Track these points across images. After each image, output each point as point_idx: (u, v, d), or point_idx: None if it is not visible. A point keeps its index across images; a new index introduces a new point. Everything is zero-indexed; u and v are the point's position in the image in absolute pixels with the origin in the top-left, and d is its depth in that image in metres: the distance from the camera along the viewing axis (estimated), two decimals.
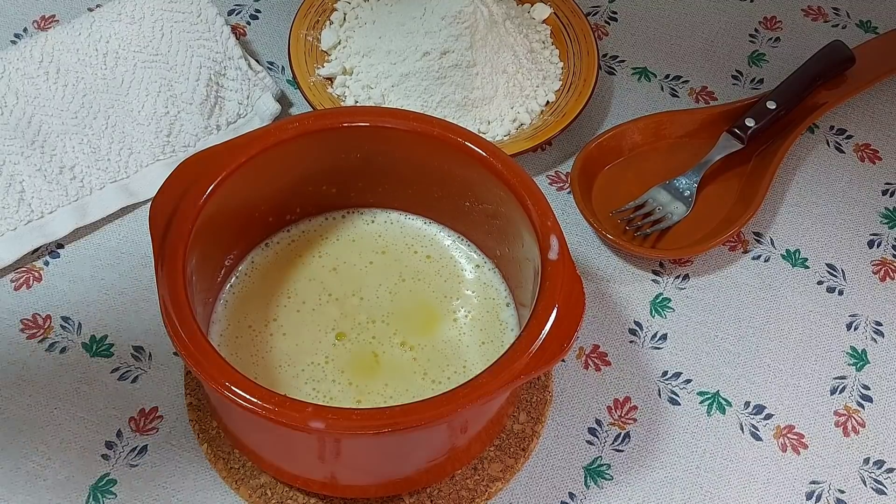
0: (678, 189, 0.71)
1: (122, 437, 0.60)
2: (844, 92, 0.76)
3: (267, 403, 0.48)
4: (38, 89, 0.69)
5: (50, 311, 0.65)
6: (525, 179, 0.56)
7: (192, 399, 0.60)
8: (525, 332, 0.51)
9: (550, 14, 0.78)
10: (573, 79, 0.75)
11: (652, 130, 0.74)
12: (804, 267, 0.70)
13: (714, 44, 0.82)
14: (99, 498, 0.58)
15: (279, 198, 0.62)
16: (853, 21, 0.84)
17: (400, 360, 0.59)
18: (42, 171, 0.67)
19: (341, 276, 0.62)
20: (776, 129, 0.74)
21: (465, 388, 0.49)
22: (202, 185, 0.55)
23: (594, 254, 0.70)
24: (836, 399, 0.64)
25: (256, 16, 0.81)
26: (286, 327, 0.60)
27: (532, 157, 0.74)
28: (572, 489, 0.60)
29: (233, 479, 0.58)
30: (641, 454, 0.62)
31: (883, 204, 0.73)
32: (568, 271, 0.53)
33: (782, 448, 0.62)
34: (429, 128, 0.58)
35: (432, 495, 0.58)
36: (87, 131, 0.68)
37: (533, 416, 0.61)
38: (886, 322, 0.68)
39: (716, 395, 0.64)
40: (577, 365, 0.65)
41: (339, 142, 0.59)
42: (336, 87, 0.74)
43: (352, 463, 0.54)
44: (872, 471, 0.62)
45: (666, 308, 0.67)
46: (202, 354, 0.49)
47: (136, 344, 0.64)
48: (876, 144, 0.76)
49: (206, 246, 0.56)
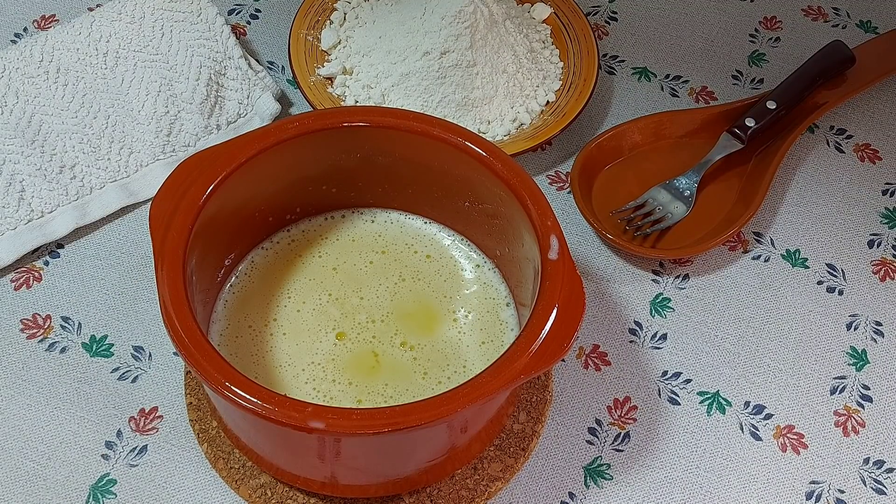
0: (678, 189, 0.71)
1: (122, 437, 0.60)
2: (844, 92, 0.76)
3: (267, 403, 0.48)
4: (38, 89, 0.69)
5: (50, 311, 0.65)
6: (525, 179, 0.56)
7: (192, 399, 0.60)
8: (525, 332, 0.51)
9: (550, 14, 0.78)
10: (573, 79, 0.75)
11: (652, 130, 0.74)
12: (804, 267, 0.70)
13: (714, 44, 0.82)
14: (99, 498, 0.58)
15: (279, 198, 0.62)
16: (853, 21, 0.84)
17: (400, 360, 0.59)
18: (42, 170, 0.67)
19: (341, 276, 0.62)
20: (776, 129, 0.74)
21: (465, 387, 0.49)
22: (202, 185, 0.55)
23: (594, 254, 0.70)
24: (835, 399, 0.64)
25: (256, 15, 0.81)
26: (286, 327, 0.60)
27: (532, 157, 0.74)
28: (572, 489, 0.60)
29: (233, 479, 0.58)
30: (641, 454, 0.62)
31: (883, 204, 0.73)
32: (568, 271, 0.53)
33: (782, 448, 0.62)
34: (429, 128, 0.58)
35: (432, 495, 0.58)
36: (87, 131, 0.68)
37: (533, 416, 0.61)
38: (886, 322, 0.68)
39: (716, 395, 0.64)
40: (577, 365, 0.65)
41: (339, 142, 0.59)
42: (336, 86, 0.74)
43: (352, 463, 0.54)
44: (872, 471, 0.62)
45: (666, 308, 0.67)
46: (202, 354, 0.49)
47: (136, 344, 0.64)
48: (876, 144, 0.76)
49: (207, 246, 0.56)
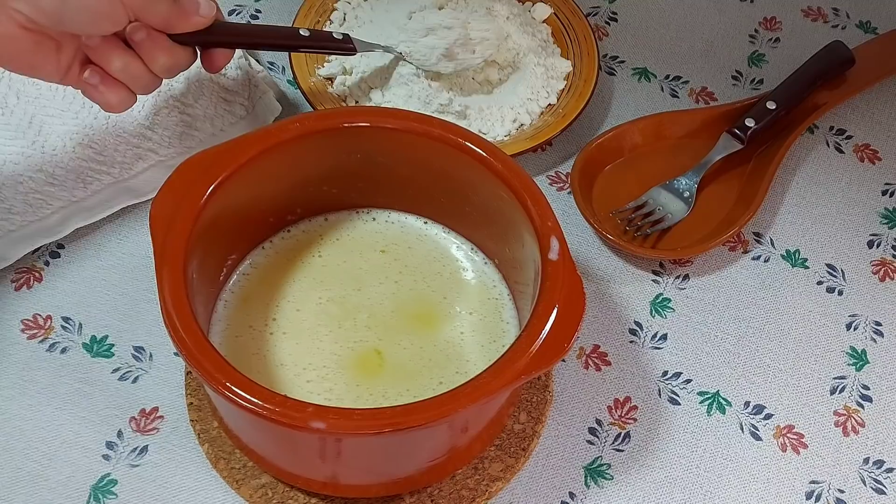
0: (678, 189, 0.71)
1: (123, 438, 0.60)
2: (844, 92, 0.76)
3: (267, 403, 0.48)
4: (39, 90, 0.69)
5: (51, 312, 0.65)
6: (525, 180, 0.56)
7: (192, 399, 0.60)
8: (525, 332, 0.51)
9: (551, 14, 0.79)
10: (573, 79, 0.75)
11: (652, 131, 0.74)
12: (804, 267, 0.70)
13: (714, 44, 0.82)
14: (100, 498, 0.58)
15: (280, 198, 0.62)
16: (853, 21, 0.84)
17: (400, 360, 0.59)
18: (43, 170, 0.67)
19: (342, 276, 0.62)
20: (776, 129, 0.74)
21: (466, 387, 0.49)
22: (203, 186, 0.55)
23: (594, 254, 0.70)
24: (835, 399, 0.64)
25: (257, 16, 0.81)
26: (286, 327, 0.60)
27: (532, 157, 0.74)
28: (572, 489, 0.60)
29: (233, 479, 0.58)
30: (641, 454, 0.62)
31: (883, 204, 0.73)
32: (568, 271, 0.53)
33: (782, 448, 0.62)
34: (429, 128, 0.58)
35: (433, 495, 0.58)
36: (87, 131, 0.68)
37: (533, 416, 0.61)
38: (886, 322, 0.68)
39: (716, 395, 0.64)
40: (577, 365, 0.65)
41: (339, 142, 0.60)
42: (336, 87, 0.74)
43: (352, 463, 0.54)
44: (872, 471, 0.62)
45: (666, 308, 0.67)
46: (203, 354, 0.49)
47: (136, 344, 0.64)
48: (876, 144, 0.76)
49: (207, 246, 0.56)
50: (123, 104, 0.59)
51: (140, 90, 0.59)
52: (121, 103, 0.59)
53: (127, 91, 0.59)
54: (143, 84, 0.59)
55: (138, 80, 0.59)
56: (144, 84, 0.59)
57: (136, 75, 0.58)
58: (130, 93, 0.59)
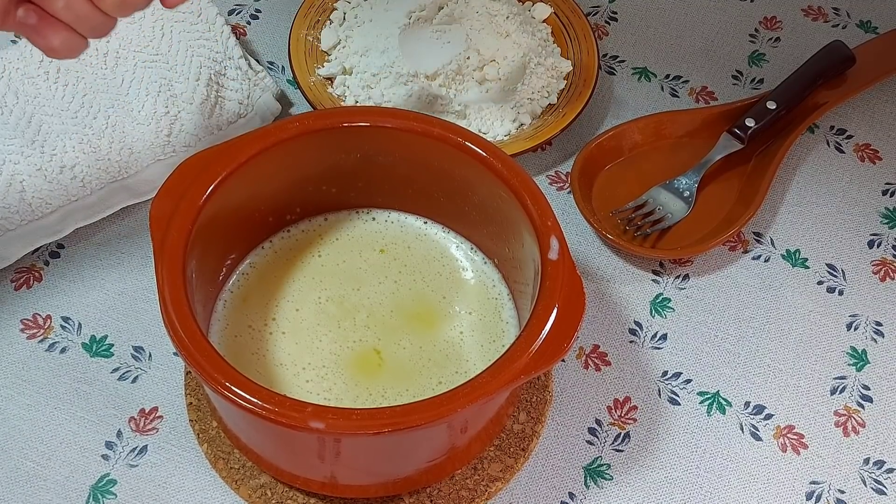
0: (678, 189, 0.71)
1: (122, 438, 0.60)
2: (844, 92, 0.76)
3: (267, 403, 0.48)
4: (38, 89, 0.69)
5: (50, 311, 0.65)
6: (525, 179, 0.56)
7: (192, 399, 0.60)
8: (525, 332, 0.51)
9: (551, 14, 0.78)
10: (573, 79, 0.75)
11: (652, 130, 0.74)
12: (804, 267, 0.70)
13: (714, 44, 0.82)
14: (99, 498, 0.58)
15: (279, 198, 0.62)
16: (853, 21, 0.84)
17: (400, 360, 0.59)
18: (42, 170, 0.67)
19: (341, 275, 0.62)
20: (776, 129, 0.74)
21: (465, 387, 0.49)
22: (202, 185, 0.55)
23: (594, 254, 0.70)
24: (836, 399, 0.64)
25: (256, 16, 0.81)
26: (286, 327, 0.60)
27: (532, 157, 0.74)
28: (572, 489, 0.60)
29: (233, 479, 0.58)
30: (641, 454, 0.62)
31: (883, 204, 0.73)
32: (568, 271, 0.53)
33: (782, 448, 0.62)
34: (429, 128, 0.58)
35: (432, 495, 0.58)
36: (87, 131, 0.68)
37: (533, 416, 0.61)
38: (886, 322, 0.68)
39: (716, 395, 0.64)
40: (577, 365, 0.65)
41: (339, 142, 0.60)
42: (336, 86, 0.74)
43: (352, 463, 0.54)
44: (872, 471, 0.62)
45: (666, 308, 0.67)
46: (202, 354, 0.49)
47: (136, 344, 0.64)
48: (876, 144, 0.76)
49: (207, 246, 0.56)
50: (69, 49, 0.51)
51: (88, 32, 0.51)
52: (65, 47, 0.51)
53: (71, 32, 0.50)
54: (91, 25, 0.50)
55: (85, 21, 0.50)
56: (92, 25, 0.50)
57: (81, 14, 0.50)
58: (77, 35, 0.51)
